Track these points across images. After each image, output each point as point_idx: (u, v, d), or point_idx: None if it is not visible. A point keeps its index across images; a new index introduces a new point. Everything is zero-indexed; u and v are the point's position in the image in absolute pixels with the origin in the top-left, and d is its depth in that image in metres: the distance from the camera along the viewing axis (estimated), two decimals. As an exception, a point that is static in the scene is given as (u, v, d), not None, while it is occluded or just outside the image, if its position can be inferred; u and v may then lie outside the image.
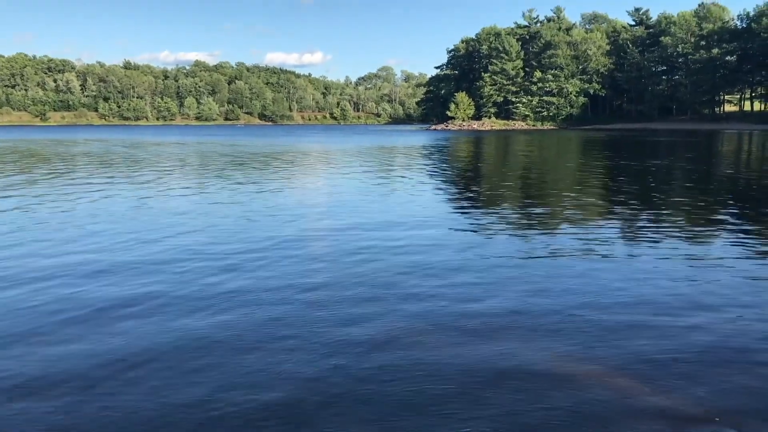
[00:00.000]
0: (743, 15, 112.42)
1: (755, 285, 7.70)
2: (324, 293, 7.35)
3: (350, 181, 21.70)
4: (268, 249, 9.77)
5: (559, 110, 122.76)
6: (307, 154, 40.37)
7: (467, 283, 7.77)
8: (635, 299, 7.10)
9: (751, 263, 8.84)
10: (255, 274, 8.23)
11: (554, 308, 6.77)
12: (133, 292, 7.39)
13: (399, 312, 6.65)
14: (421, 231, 11.44)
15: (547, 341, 5.82)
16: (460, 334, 6.00)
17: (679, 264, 8.83)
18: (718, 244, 10.30)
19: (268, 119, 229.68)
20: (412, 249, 9.76)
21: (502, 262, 8.99)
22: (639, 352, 5.53)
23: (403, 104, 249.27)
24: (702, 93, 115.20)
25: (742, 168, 28.19)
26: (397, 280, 7.93)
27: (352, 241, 10.35)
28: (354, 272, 8.32)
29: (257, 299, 7.12)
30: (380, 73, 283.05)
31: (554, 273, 8.33)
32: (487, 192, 18.91)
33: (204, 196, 17.23)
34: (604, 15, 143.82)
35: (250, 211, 14.05)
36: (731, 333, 6.01)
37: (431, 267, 8.59)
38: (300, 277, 8.06)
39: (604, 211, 14.32)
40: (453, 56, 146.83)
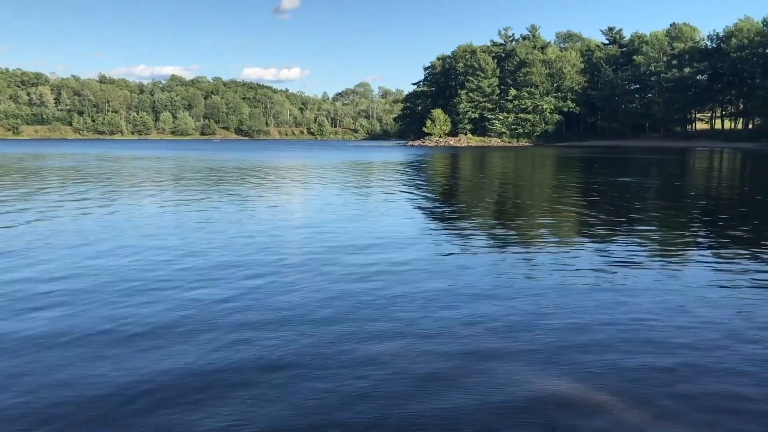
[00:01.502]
0: (713, 35, 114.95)
1: (729, 298, 7.76)
2: (294, 313, 7.26)
3: (328, 196, 21.63)
4: (243, 265, 9.66)
5: (534, 127, 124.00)
6: (285, 169, 40.24)
7: (443, 301, 7.73)
8: (612, 315, 7.11)
9: (725, 276, 8.92)
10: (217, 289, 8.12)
11: (529, 325, 6.76)
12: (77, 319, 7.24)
13: (373, 333, 6.59)
14: (397, 249, 11.39)
15: (529, 361, 5.80)
16: (435, 355, 5.96)
17: (653, 278, 8.89)
18: (692, 259, 10.39)
19: (244, 134, 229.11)
20: (387, 269, 9.71)
21: (479, 280, 8.97)
22: (616, 367, 5.52)
23: (380, 120, 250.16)
24: (674, 111, 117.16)
25: (715, 185, 28.63)
26: (373, 300, 7.87)
27: (330, 253, 10.28)
28: (329, 288, 8.25)
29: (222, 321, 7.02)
30: (358, 89, 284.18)
31: (529, 290, 8.33)
32: (464, 209, 18.94)
33: (176, 213, 17.02)
34: (578, 34, 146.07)
35: (224, 228, 13.90)
36: (708, 348, 6.03)
37: (408, 288, 8.55)
38: (271, 301, 7.97)
39: (581, 228, 14.41)
40: (430, 73, 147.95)
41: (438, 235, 13.15)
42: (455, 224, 15.05)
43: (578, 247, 11.66)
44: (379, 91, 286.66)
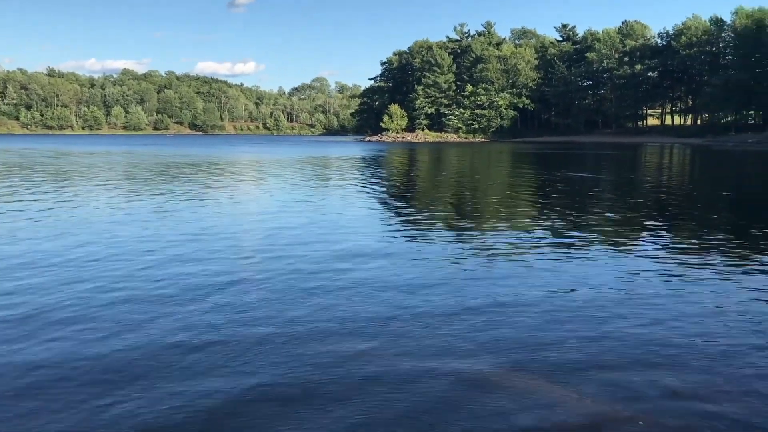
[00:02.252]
0: (663, 33, 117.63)
1: (677, 289, 7.94)
2: (250, 314, 7.17)
3: (287, 193, 21.45)
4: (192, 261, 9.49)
5: (490, 123, 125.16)
6: (241, 164, 39.81)
7: (402, 296, 7.73)
8: (565, 307, 7.20)
9: (673, 267, 9.12)
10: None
11: (487, 320, 6.80)
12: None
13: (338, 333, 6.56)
14: (358, 252, 11.36)
15: (485, 353, 5.82)
16: (396, 349, 5.94)
17: (605, 270, 9.04)
18: (643, 252, 10.60)
19: (198, 129, 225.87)
20: (346, 267, 9.67)
21: (435, 274, 8.99)
22: (567, 360, 5.59)
23: (337, 115, 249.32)
24: (626, 107, 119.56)
25: (665, 179, 29.31)
26: (330, 299, 7.83)
27: (286, 252, 10.19)
28: (291, 286, 8.17)
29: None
30: (314, 84, 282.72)
31: (486, 284, 8.39)
32: (422, 206, 19.01)
33: (127, 211, 16.65)
34: (532, 31, 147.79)
35: (176, 228, 13.66)
36: (657, 337, 6.15)
37: (366, 284, 8.52)
38: (224, 304, 7.85)
39: (537, 223, 14.58)
40: (386, 68, 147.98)
41: (398, 232, 13.15)
42: (414, 221, 15.08)
43: (535, 242, 11.79)
44: (336, 86, 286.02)
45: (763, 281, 8.66)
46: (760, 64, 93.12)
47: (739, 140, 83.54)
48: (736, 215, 17.17)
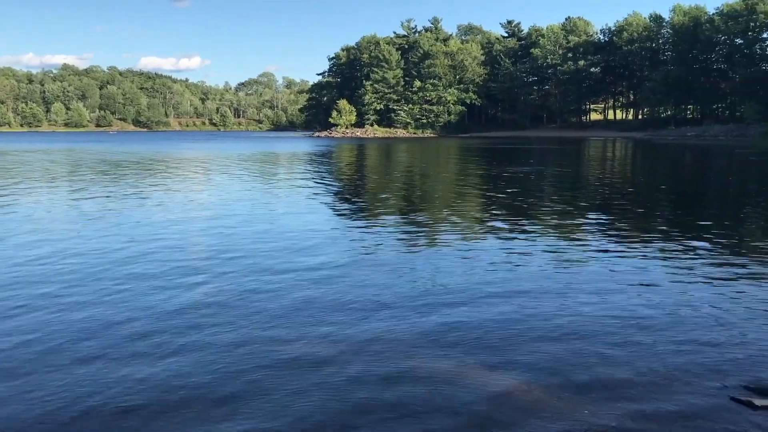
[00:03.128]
0: (606, 29, 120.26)
1: (622, 280, 8.23)
2: (197, 317, 7.14)
3: (235, 190, 21.26)
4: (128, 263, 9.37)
5: (438, 118, 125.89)
6: (188, 161, 39.20)
7: (353, 295, 7.80)
8: (512, 299, 7.39)
9: (616, 259, 9.44)
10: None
11: (437, 317, 6.92)
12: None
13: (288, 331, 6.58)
14: (306, 244, 11.38)
15: (437, 348, 5.94)
16: (347, 347, 6.01)
17: (550, 263, 9.29)
18: (589, 243, 10.91)
19: (143, 125, 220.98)
20: (294, 265, 9.69)
21: (390, 276, 9.08)
22: (515, 353, 5.76)
23: (285, 111, 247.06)
24: (570, 102, 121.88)
25: (607, 172, 30.08)
26: (281, 299, 7.84)
27: (235, 253, 10.14)
28: (242, 282, 8.14)
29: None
30: (261, 79, 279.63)
31: (434, 279, 8.52)
32: (372, 201, 19.09)
33: (69, 210, 16.28)
34: (478, 27, 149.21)
35: (117, 229, 13.42)
36: (596, 330, 6.38)
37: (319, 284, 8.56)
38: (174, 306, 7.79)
39: (485, 218, 14.82)
40: (334, 64, 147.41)
41: (347, 229, 13.20)
42: (363, 216, 15.16)
43: (483, 236, 12.01)
44: (284, 81, 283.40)
45: (685, 262, 9.03)
46: (697, 59, 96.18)
47: (679, 134, 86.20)
48: (668, 203, 17.78)
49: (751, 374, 5.35)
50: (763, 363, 5.60)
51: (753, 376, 5.32)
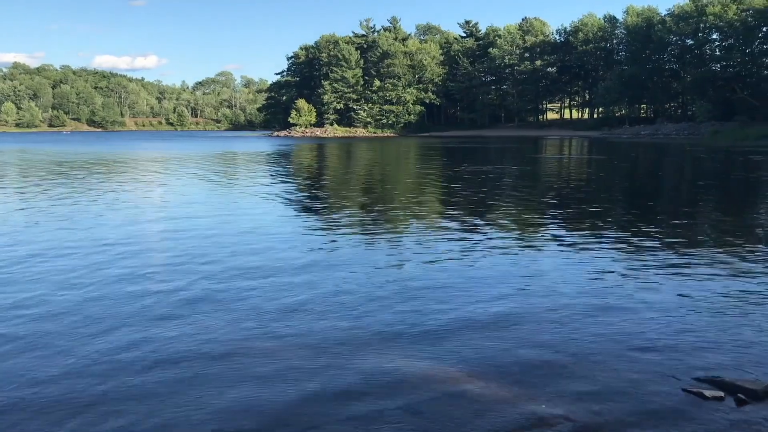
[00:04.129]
0: (561, 30, 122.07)
1: (581, 274, 8.38)
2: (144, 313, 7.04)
3: (192, 191, 21.00)
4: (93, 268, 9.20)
5: (398, 118, 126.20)
6: (144, 161, 38.56)
7: (315, 294, 7.78)
8: (476, 299, 7.47)
9: (571, 253, 9.61)
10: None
11: (395, 315, 6.95)
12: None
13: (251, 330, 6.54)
14: (266, 247, 11.31)
15: (396, 346, 5.97)
16: (310, 347, 6.00)
17: (505, 257, 9.41)
18: (544, 238, 11.08)
19: (97, 125, 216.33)
20: (255, 264, 9.63)
21: (351, 275, 9.09)
22: (475, 351, 5.82)
23: (244, 110, 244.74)
24: (527, 102, 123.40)
25: (564, 170, 30.55)
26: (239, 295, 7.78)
27: (192, 254, 10.03)
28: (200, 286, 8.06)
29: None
30: (219, 78, 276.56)
31: (395, 276, 8.56)
32: (333, 201, 19.07)
33: (18, 213, 15.89)
34: (437, 26, 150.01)
35: (71, 233, 13.15)
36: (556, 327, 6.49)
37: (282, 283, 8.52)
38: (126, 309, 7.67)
39: (445, 217, 14.92)
40: (293, 63, 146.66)
41: (308, 229, 13.17)
42: (324, 216, 15.13)
43: (444, 235, 12.09)
44: (242, 80, 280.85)
45: (636, 256, 9.25)
46: (650, 59, 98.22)
47: (633, 132, 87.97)
48: (622, 199, 18.15)
49: (702, 366, 5.50)
50: (714, 355, 5.75)
51: (704, 368, 5.46)
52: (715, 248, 10.71)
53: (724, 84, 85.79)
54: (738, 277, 8.61)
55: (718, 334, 6.30)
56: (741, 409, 4.74)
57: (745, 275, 8.70)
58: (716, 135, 69.29)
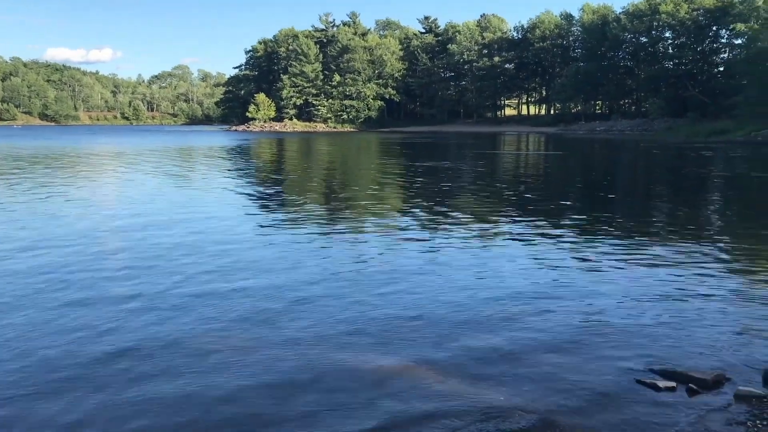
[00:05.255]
0: (519, 27, 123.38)
1: (539, 271, 8.51)
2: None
3: (148, 187, 20.66)
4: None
5: (358, 113, 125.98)
6: (99, 156, 37.75)
7: (275, 292, 7.75)
8: (436, 292, 7.53)
9: (527, 246, 9.75)
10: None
11: (354, 310, 6.97)
12: None
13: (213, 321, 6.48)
14: (226, 243, 11.22)
15: (357, 342, 5.98)
16: (277, 341, 5.97)
17: (467, 255, 9.50)
18: (500, 230, 11.22)
19: (50, 119, 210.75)
20: (215, 262, 9.54)
21: (310, 271, 9.06)
22: (432, 345, 5.87)
23: (201, 104, 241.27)
24: (486, 98, 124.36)
25: (521, 165, 30.94)
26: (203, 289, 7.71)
27: (151, 249, 9.88)
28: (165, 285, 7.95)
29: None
30: (175, 72, 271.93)
31: (354, 274, 8.57)
32: (291, 197, 18.98)
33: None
34: (396, 22, 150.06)
35: (23, 231, 12.84)
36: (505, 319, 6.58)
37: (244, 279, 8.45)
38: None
39: (405, 212, 14.98)
40: (252, 57, 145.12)
41: (267, 227, 13.09)
42: (283, 214, 15.05)
43: (403, 231, 12.14)
44: (199, 74, 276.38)
45: (590, 247, 9.44)
46: (606, 57, 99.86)
47: (589, 128, 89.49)
48: (577, 193, 18.47)
49: (655, 357, 5.64)
50: (667, 347, 5.90)
51: (657, 359, 5.60)
52: (668, 242, 10.98)
53: (677, 81, 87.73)
54: (689, 269, 8.84)
55: (670, 326, 6.46)
56: (692, 398, 4.88)
57: (697, 267, 8.93)
58: (669, 131, 70.94)
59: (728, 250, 10.56)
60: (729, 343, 6.01)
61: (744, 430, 4.33)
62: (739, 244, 11.26)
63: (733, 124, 61.05)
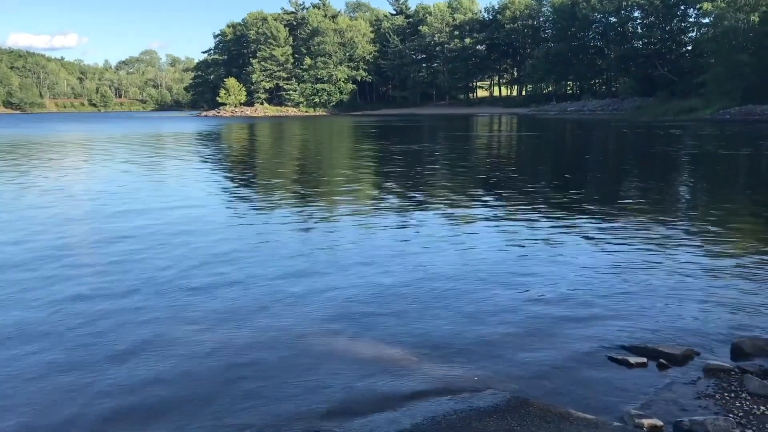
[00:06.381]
0: (490, 8, 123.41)
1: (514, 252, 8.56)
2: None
3: (119, 174, 20.35)
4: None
5: (330, 97, 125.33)
6: (67, 144, 37.07)
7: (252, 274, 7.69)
8: (416, 272, 7.53)
9: (499, 227, 9.80)
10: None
11: (333, 291, 6.95)
12: None
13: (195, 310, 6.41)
14: (199, 230, 11.11)
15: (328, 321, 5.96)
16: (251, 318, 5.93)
17: (445, 239, 9.52)
18: (473, 211, 11.26)
19: (15, 107, 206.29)
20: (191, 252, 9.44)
21: (284, 256, 9.01)
22: (406, 326, 5.87)
23: (170, 90, 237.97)
24: (458, 80, 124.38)
25: (494, 146, 31.05)
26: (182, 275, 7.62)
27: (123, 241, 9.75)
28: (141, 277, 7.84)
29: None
30: (143, 57, 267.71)
31: (331, 260, 8.54)
32: (265, 182, 18.85)
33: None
34: (366, 3, 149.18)
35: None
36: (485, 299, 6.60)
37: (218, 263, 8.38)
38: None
39: (376, 197, 14.96)
40: (220, 41, 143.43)
41: (241, 213, 12.99)
42: (257, 199, 14.95)
43: (378, 213, 12.13)
44: (167, 59, 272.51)
45: (562, 225, 9.52)
46: (576, 37, 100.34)
47: (560, 109, 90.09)
48: (549, 173, 18.60)
49: (626, 335, 5.70)
50: (638, 324, 5.97)
51: (628, 336, 5.66)
52: (638, 219, 11.10)
53: (646, 60, 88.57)
54: (659, 246, 8.95)
55: (639, 302, 6.54)
56: (663, 373, 4.94)
57: (666, 245, 9.05)
58: (639, 110, 71.64)
59: (696, 226, 10.73)
60: (698, 317, 6.10)
61: (713, 402, 4.40)
62: (706, 220, 11.43)
63: (701, 102, 61.88)
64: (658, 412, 4.26)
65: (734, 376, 4.81)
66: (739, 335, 5.59)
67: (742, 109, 54.00)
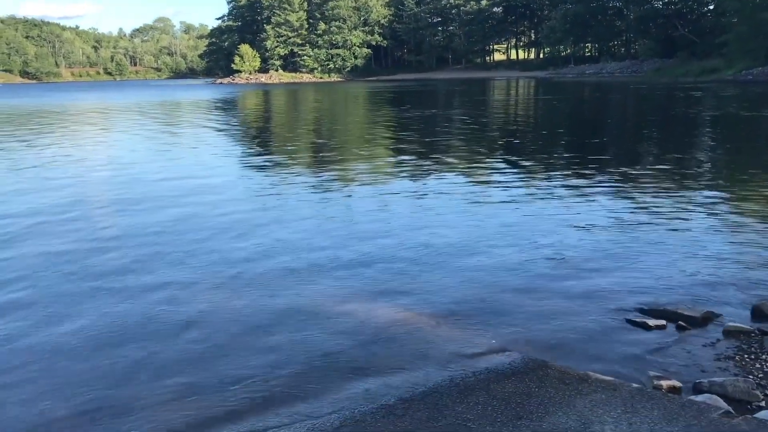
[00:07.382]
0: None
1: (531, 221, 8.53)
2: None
3: (138, 142, 20.44)
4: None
5: (345, 62, 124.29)
6: (84, 113, 37.23)
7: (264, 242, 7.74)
8: (424, 239, 7.54)
9: (518, 192, 9.76)
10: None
11: (347, 255, 6.98)
12: None
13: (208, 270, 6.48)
14: (216, 198, 11.17)
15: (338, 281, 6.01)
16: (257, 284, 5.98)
17: (462, 204, 9.50)
18: (493, 179, 11.21)
19: (31, 77, 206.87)
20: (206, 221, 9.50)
21: (301, 224, 9.05)
22: (425, 291, 5.89)
23: (185, 57, 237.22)
24: (474, 43, 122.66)
25: (511, 110, 30.76)
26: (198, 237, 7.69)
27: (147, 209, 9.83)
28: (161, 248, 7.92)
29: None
30: (157, 25, 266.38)
31: (348, 225, 8.56)
32: (282, 148, 18.87)
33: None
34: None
35: (18, 188, 12.72)
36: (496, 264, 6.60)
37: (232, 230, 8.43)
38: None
39: (396, 164, 14.92)
40: (234, 7, 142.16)
41: (259, 181, 13.03)
42: (273, 167, 14.97)
43: (394, 181, 12.12)
44: (181, 26, 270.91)
45: (582, 192, 9.46)
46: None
47: (578, 71, 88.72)
48: (568, 136, 18.42)
49: (645, 297, 5.68)
50: (657, 287, 5.94)
51: (648, 298, 5.65)
52: (657, 181, 10.98)
53: (666, 21, 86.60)
54: (678, 208, 8.87)
55: (659, 264, 6.50)
56: (682, 335, 4.93)
57: (686, 205, 8.96)
58: (658, 72, 70.41)
59: (716, 188, 10.60)
60: (718, 278, 6.06)
61: (733, 364, 4.39)
62: (727, 181, 11.30)
63: (723, 63, 60.58)
64: (677, 373, 4.27)
65: (754, 338, 4.80)
66: (760, 296, 5.55)
67: (766, 69, 52.87)
